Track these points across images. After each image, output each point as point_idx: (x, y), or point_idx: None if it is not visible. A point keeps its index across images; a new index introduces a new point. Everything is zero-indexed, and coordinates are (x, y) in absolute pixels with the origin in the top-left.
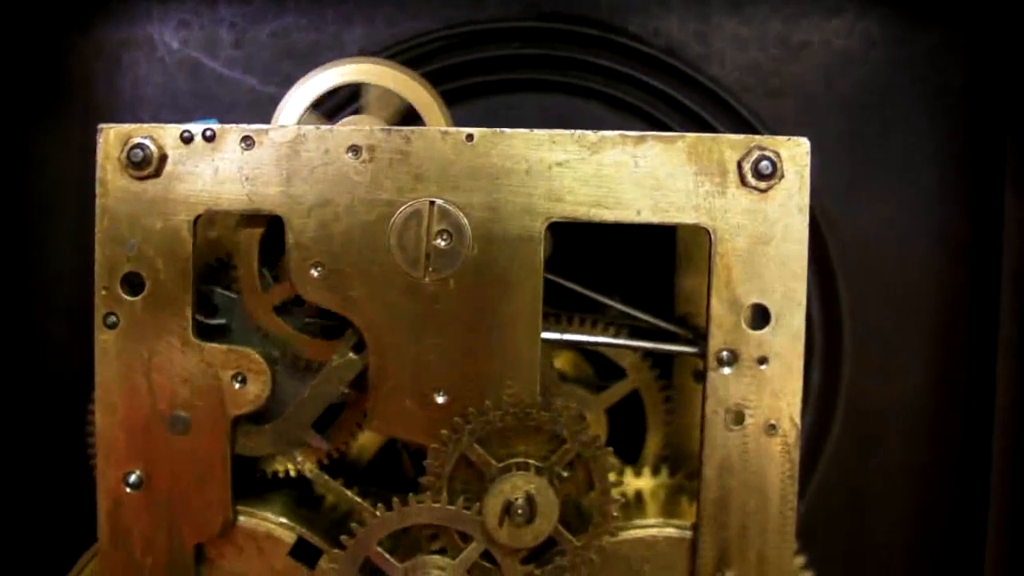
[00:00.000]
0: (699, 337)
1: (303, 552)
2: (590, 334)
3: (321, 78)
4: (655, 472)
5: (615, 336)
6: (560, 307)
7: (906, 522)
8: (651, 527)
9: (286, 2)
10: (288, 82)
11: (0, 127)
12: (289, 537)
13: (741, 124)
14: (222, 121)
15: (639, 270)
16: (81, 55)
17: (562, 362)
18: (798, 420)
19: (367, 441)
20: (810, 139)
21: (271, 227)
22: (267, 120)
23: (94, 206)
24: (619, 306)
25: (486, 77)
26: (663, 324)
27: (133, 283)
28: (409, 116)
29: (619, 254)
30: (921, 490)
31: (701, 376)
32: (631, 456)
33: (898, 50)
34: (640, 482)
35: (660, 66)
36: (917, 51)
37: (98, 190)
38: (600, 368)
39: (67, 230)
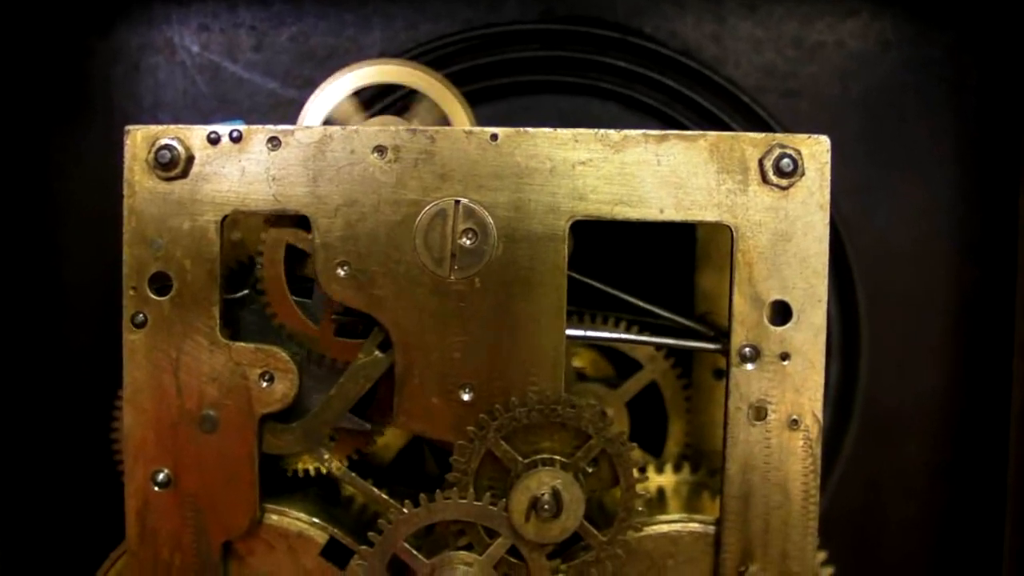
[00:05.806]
0: (720, 335)
1: (332, 552)
2: (612, 332)
3: (345, 80)
4: (677, 469)
5: (637, 334)
6: (581, 305)
7: (924, 519)
8: (675, 522)
9: (305, 5)
10: (308, 85)
11: (21, 132)
12: (321, 537)
13: (757, 124)
14: None
15: (659, 269)
16: (101, 59)
17: (582, 361)
18: (820, 415)
19: (390, 440)
20: None
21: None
22: (288, 123)
23: (115, 210)
24: (640, 303)
25: (504, 79)
26: (684, 321)
27: (161, 283)
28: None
29: (639, 253)
30: (938, 487)
31: (721, 374)
32: (653, 453)
33: (913, 50)
34: (662, 479)
35: (676, 67)
36: (931, 51)
37: (125, 191)
38: (619, 366)
39: (88, 234)
